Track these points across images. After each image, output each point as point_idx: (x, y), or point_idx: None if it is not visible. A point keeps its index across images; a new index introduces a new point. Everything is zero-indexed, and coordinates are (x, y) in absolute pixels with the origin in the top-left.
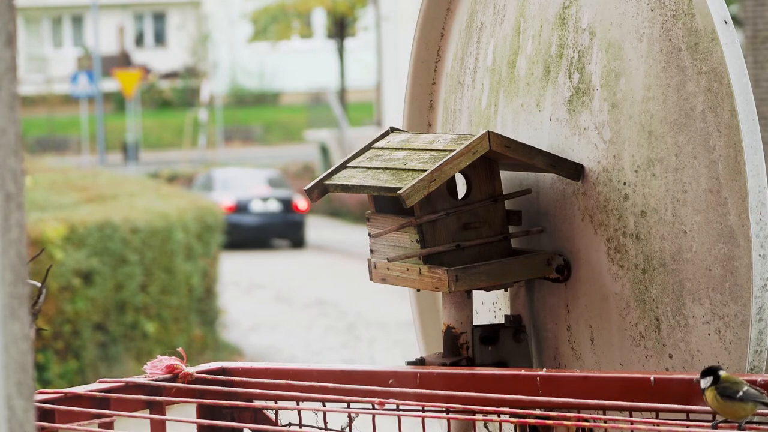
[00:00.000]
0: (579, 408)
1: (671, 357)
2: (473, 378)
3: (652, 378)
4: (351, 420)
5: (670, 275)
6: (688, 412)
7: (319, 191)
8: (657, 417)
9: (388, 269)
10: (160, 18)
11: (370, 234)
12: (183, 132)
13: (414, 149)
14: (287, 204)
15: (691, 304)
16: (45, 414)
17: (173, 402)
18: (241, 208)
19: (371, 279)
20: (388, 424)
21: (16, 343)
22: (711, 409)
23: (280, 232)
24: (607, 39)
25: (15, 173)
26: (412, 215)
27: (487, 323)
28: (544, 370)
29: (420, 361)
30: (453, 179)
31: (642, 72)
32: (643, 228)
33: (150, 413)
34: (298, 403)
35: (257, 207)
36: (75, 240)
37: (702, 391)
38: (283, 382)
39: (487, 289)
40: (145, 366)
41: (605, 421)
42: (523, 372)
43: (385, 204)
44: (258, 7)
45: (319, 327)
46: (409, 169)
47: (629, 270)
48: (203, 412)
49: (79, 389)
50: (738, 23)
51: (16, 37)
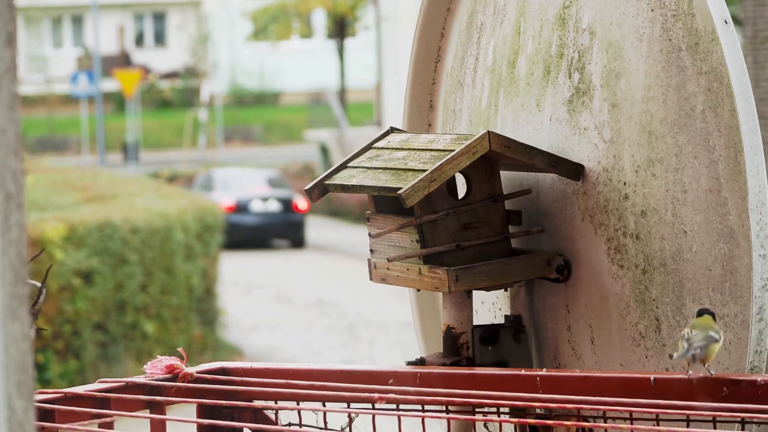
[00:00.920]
0: (579, 408)
1: (671, 357)
2: (473, 378)
3: (652, 378)
4: (351, 420)
5: (670, 275)
6: (688, 412)
7: (319, 191)
8: (657, 417)
9: (388, 269)
10: (160, 18)
11: (370, 234)
12: (183, 132)
13: (414, 149)
14: (287, 204)
15: (692, 304)
16: (45, 414)
17: (173, 402)
18: (241, 208)
19: (371, 279)
20: (388, 424)
21: (16, 343)
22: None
23: (280, 232)
24: (607, 39)
25: (15, 173)
26: (412, 215)
27: (487, 323)
28: (544, 370)
29: (420, 361)
30: (453, 179)
31: (642, 72)
32: (644, 228)
33: (150, 413)
34: (298, 403)
35: (257, 207)
36: (75, 240)
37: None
38: (283, 381)
39: (487, 289)
40: (145, 366)
41: (605, 421)
42: (523, 372)
43: (385, 204)
44: (258, 7)
45: (319, 327)
46: (409, 169)
47: (629, 270)
48: (203, 412)
49: (79, 389)
50: (738, 23)
51: (16, 37)
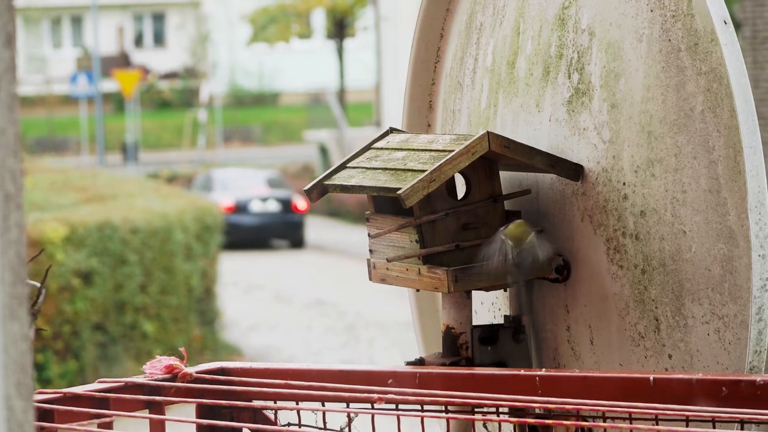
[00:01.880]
0: (578, 408)
1: (670, 357)
2: (472, 378)
3: (651, 378)
4: (350, 420)
5: (669, 275)
6: (687, 413)
7: (319, 191)
8: (656, 417)
9: (387, 269)
10: (159, 18)
11: (369, 234)
12: (182, 132)
13: (413, 149)
14: (286, 204)
15: (691, 304)
16: (44, 414)
17: (172, 402)
18: (241, 208)
19: (370, 279)
20: (387, 424)
21: (15, 344)
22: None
23: (279, 232)
24: (607, 39)
25: (14, 174)
26: (411, 215)
27: (487, 323)
28: (543, 370)
29: (419, 361)
30: (452, 180)
31: (641, 72)
32: (643, 228)
33: (149, 413)
34: (297, 403)
35: (256, 207)
36: (74, 240)
37: None
38: (283, 382)
39: (487, 290)
40: (145, 366)
41: (604, 421)
42: (523, 372)
43: (385, 204)
44: (257, 8)
45: (319, 327)
46: (409, 170)
47: (629, 270)
48: (202, 412)
49: (79, 389)
50: (737, 24)
51: (15, 38)
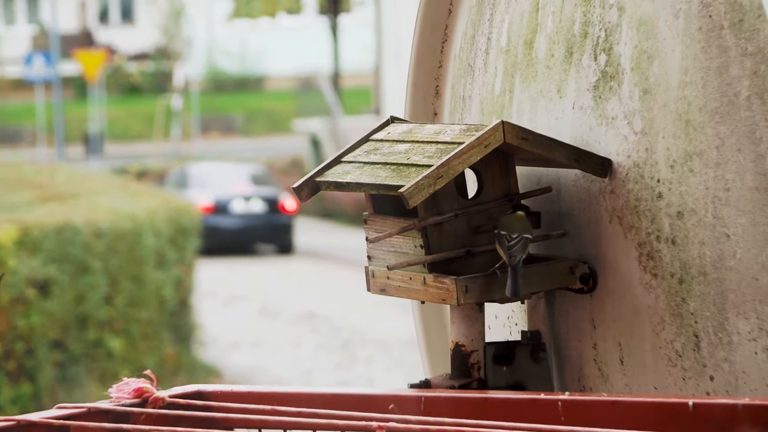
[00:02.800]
0: None
1: (712, 379)
2: (486, 403)
3: (690, 403)
4: None
5: (710, 285)
6: None
7: (310, 189)
8: None
9: (388, 278)
10: None
11: (367, 238)
12: (154, 122)
13: (418, 141)
14: (273, 204)
15: (735, 318)
16: None
17: (142, 431)
18: (221, 208)
19: (369, 290)
20: None
21: None
22: None
23: (264, 235)
24: (638, 15)
25: None
26: (415, 217)
27: (502, 340)
28: (566, 393)
29: (425, 384)
30: (462, 176)
31: (678, 53)
32: (680, 231)
33: None
34: None
35: (239, 207)
36: (29, 245)
37: None
38: (268, 407)
39: (501, 302)
40: (110, 389)
41: None
42: (543, 396)
43: (385, 204)
44: None
45: (310, 344)
46: (412, 165)
47: (664, 279)
48: None
49: (34, 416)
50: None
51: None
